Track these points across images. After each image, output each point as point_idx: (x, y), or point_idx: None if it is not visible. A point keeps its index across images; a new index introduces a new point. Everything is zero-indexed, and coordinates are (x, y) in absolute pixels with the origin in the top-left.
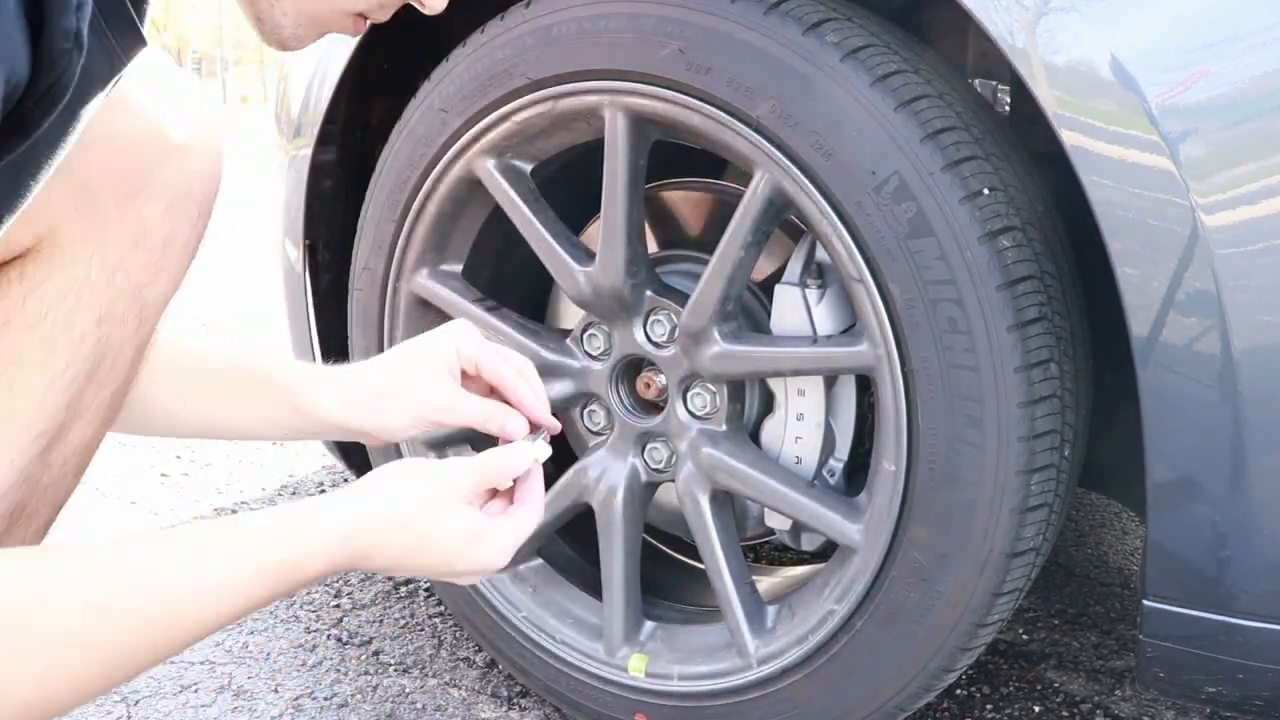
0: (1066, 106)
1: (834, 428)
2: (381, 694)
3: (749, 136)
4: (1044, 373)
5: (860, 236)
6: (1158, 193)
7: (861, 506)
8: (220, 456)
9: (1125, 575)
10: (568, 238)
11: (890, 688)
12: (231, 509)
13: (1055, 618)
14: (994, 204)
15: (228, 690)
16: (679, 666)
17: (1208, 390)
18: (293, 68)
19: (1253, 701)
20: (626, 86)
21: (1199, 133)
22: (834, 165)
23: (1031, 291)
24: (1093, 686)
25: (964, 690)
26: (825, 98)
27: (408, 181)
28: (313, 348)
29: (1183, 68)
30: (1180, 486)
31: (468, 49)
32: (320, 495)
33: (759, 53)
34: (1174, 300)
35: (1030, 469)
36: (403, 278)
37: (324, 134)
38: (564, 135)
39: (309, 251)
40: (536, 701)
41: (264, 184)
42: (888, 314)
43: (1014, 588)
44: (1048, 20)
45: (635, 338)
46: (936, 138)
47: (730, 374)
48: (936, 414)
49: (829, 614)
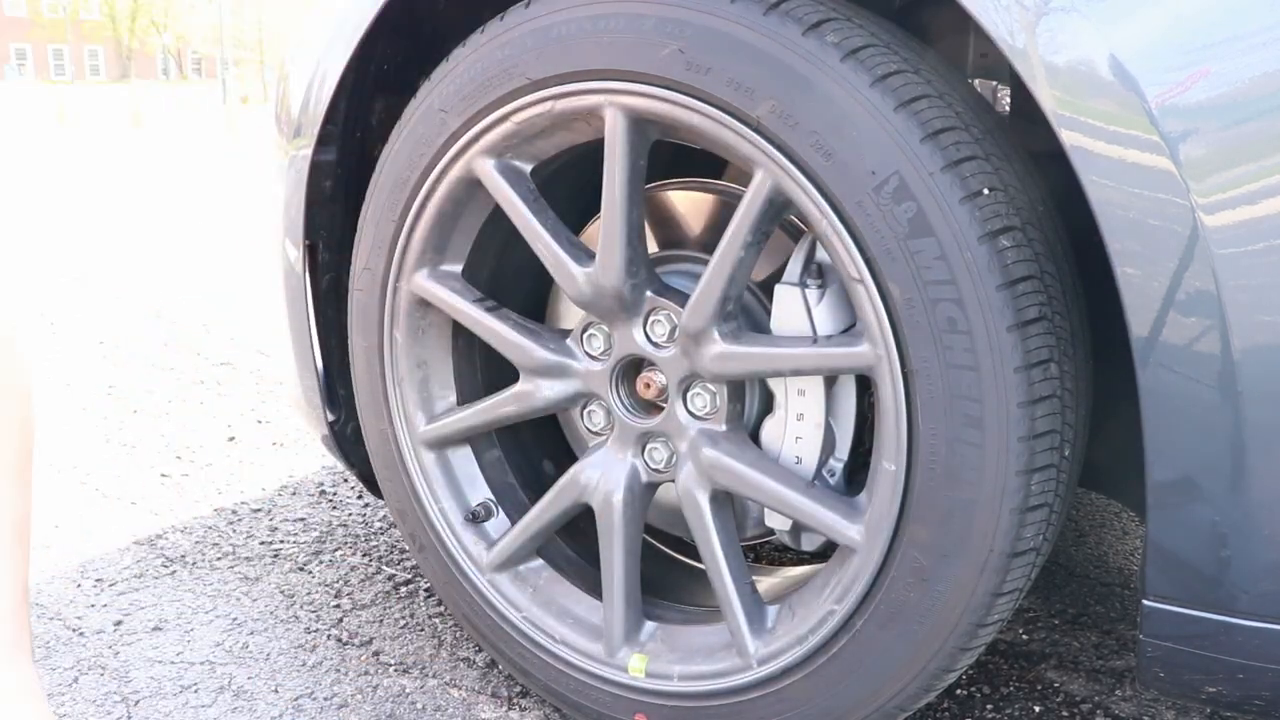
0: (1066, 106)
1: (834, 428)
2: (382, 694)
3: (749, 137)
4: (1044, 373)
5: (860, 236)
6: (1158, 193)
7: (861, 506)
8: (220, 456)
9: (1125, 575)
10: (567, 238)
11: (890, 688)
12: (232, 509)
13: (1055, 618)
14: (994, 204)
15: (228, 690)
16: (679, 666)
17: (1208, 390)
18: (293, 68)
19: (1253, 701)
20: (626, 87)
21: (1199, 133)
22: (834, 165)
23: (1031, 291)
24: (1093, 686)
25: (964, 690)
26: (825, 98)
27: (407, 182)
28: (313, 348)
29: (1182, 68)
30: (1180, 486)
31: (468, 49)
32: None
33: (759, 53)
34: (1174, 300)
35: (1030, 469)
36: (403, 278)
37: (324, 134)
38: (564, 135)
39: (309, 252)
40: (536, 701)
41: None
42: (888, 314)
43: (1014, 588)
44: (1048, 20)
45: (635, 338)
46: (936, 138)
47: (730, 374)
48: (936, 414)
49: (829, 614)
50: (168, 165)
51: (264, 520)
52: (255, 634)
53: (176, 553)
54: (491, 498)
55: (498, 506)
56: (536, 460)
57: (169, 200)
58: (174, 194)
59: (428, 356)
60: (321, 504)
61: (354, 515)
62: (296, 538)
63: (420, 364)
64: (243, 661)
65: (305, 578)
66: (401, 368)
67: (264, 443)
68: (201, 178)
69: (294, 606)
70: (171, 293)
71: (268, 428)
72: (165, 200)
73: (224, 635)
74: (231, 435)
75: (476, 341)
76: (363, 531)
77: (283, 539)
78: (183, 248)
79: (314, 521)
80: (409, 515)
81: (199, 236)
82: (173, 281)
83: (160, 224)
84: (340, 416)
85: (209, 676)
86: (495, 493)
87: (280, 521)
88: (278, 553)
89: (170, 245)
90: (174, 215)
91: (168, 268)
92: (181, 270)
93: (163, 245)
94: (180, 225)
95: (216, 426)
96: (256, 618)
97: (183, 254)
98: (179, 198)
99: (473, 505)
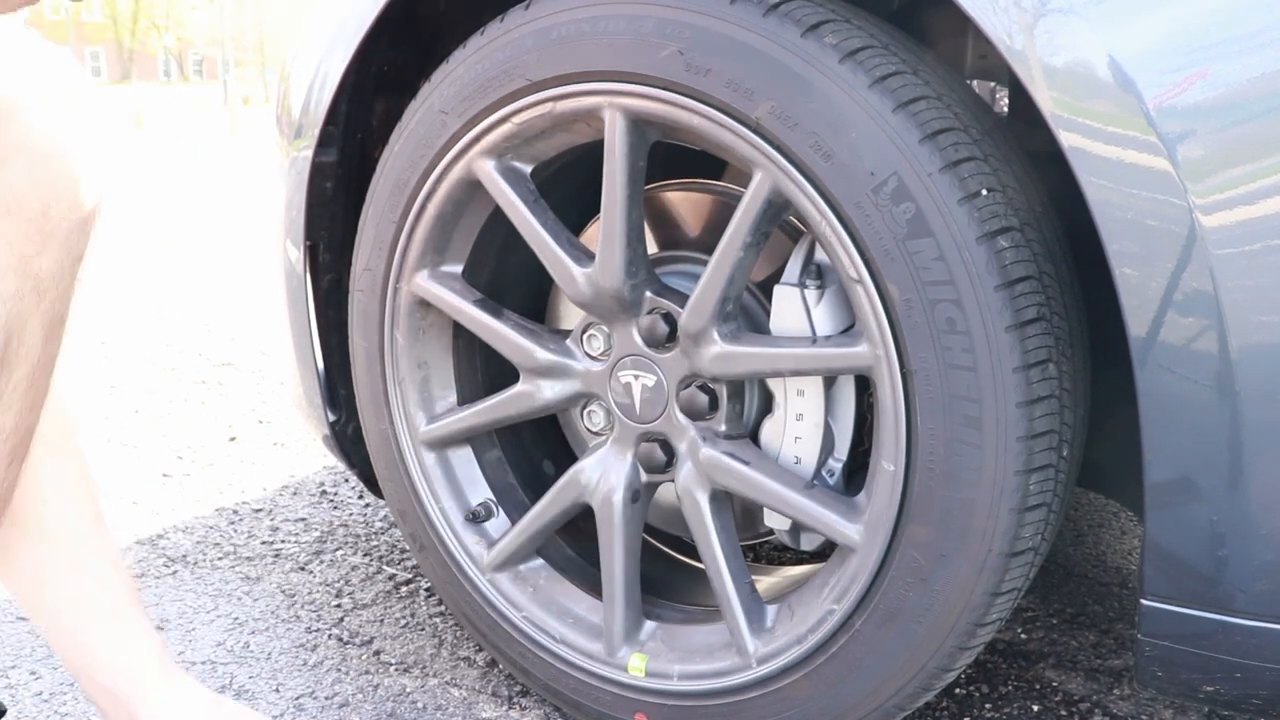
0: (1064, 108)
1: (833, 428)
2: (382, 693)
3: (748, 138)
4: (1042, 373)
5: (859, 237)
6: (1156, 193)
7: (860, 506)
8: (222, 456)
9: (1123, 574)
10: (567, 239)
11: (889, 687)
12: (233, 509)
13: (1054, 617)
14: (992, 205)
15: (229, 690)
16: (679, 666)
17: (1206, 390)
18: (294, 69)
19: (1250, 700)
20: (626, 88)
21: (1197, 134)
22: (833, 166)
23: (1030, 292)
24: (1091, 685)
25: (963, 689)
26: (824, 99)
27: (408, 183)
28: (313, 348)
29: (1180, 69)
30: (1178, 486)
31: (467, 50)
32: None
33: (758, 54)
34: (1172, 300)
35: (1029, 469)
36: (403, 279)
37: (325, 135)
38: (564, 136)
39: (310, 252)
40: (536, 701)
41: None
42: (886, 314)
43: (1012, 587)
44: (1046, 22)
45: (635, 338)
46: (935, 139)
47: (730, 374)
48: (935, 414)
49: (828, 613)
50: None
51: (265, 520)
52: (256, 633)
53: (178, 552)
54: (492, 498)
55: (498, 506)
56: (537, 460)
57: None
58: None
59: (428, 357)
60: (322, 504)
61: (355, 515)
62: (297, 537)
63: (421, 364)
64: (244, 661)
65: (306, 577)
66: (402, 368)
67: (265, 443)
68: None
69: (295, 606)
70: (173, 293)
71: (269, 428)
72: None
73: (225, 635)
74: (233, 435)
75: (477, 342)
76: (363, 531)
77: (284, 539)
78: (184, 248)
79: (315, 521)
80: (410, 515)
81: (200, 237)
82: (174, 282)
83: (162, 224)
84: (341, 417)
85: (210, 676)
86: (496, 493)
87: (281, 521)
88: (279, 552)
89: (172, 245)
90: (175, 216)
91: (169, 268)
92: (183, 270)
93: (164, 245)
94: (182, 226)
95: (218, 426)
96: (258, 617)
97: (184, 254)
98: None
99: (473, 505)
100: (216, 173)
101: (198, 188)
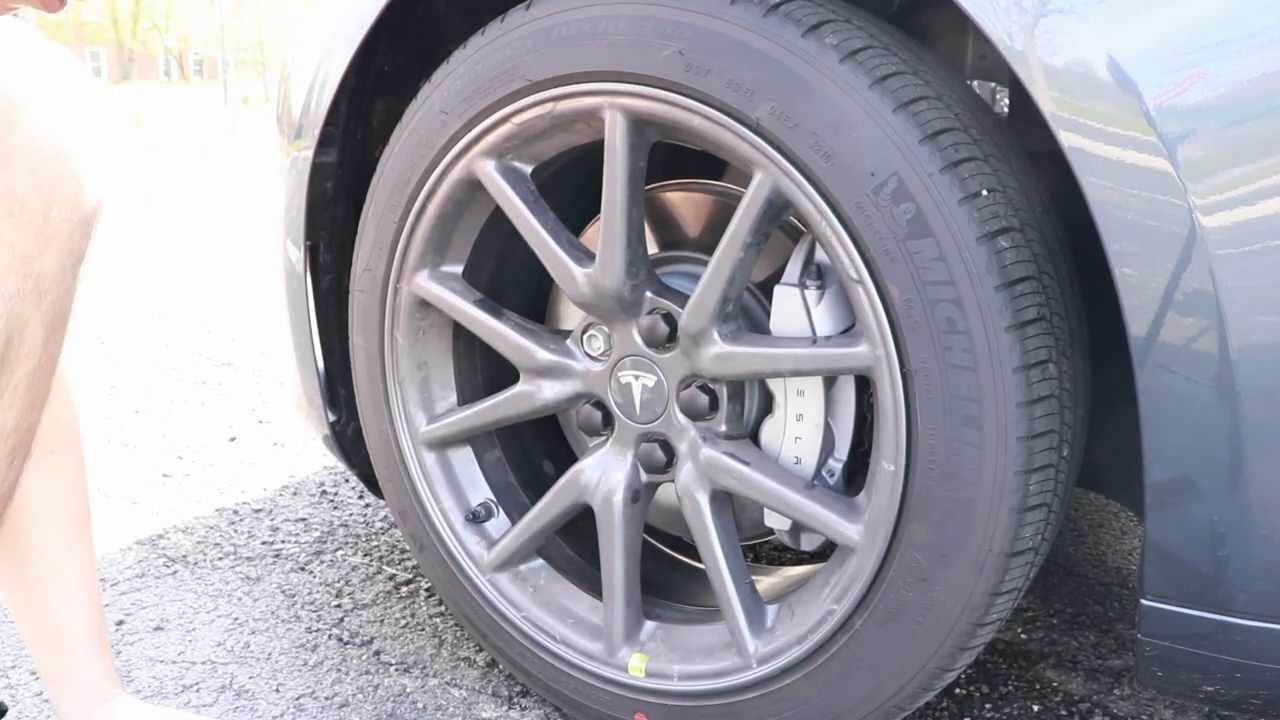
0: (1065, 108)
1: (833, 428)
2: (382, 693)
3: (748, 138)
4: (1042, 373)
5: (859, 237)
6: (1156, 194)
7: (860, 507)
8: (222, 457)
9: (1124, 574)
10: (567, 239)
11: (889, 687)
12: (233, 509)
13: (1054, 617)
14: (992, 205)
15: (229, 690)
16: (679, 666)
17: (1206, 390)
18: (294, 69)
19: (1250, 700)
20: (626, 88)
21: (1197, 134)
22: (833, 166)
23: (1030, 292)
24: (1091, 685)
25: (963, 689)
26: (824, 99)
27: (408, 183)
28: (313, 348)
29: (1180, 69)
30: (1178, 486)
31: (468, 51)
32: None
33: (758, 55)
34: (1172, 301)
35: (1029, 469)
36: (403, 279)
37: (325, 135)
38: (564, 137)
39: (310, 253)
40: (537, 701)
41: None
42: (886, 315)
43: (1013, 587)
44: (1046, 22)
45: (635, 338)
46: (935, 139)
47: (730, 375)
48: (935, 414)
49: (828, 614)
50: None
51: (265, 520)
52: (256, 634)
53: (178, 552)
54: (492, 498)
55: (498, 506)
56: (536, 460)
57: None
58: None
59: (428, 357)
60: (323, 504)
61: (355, 515)
62: (298, 538)
63: (421, 364)
64: (244, 661)
65: (306, 577)
66: (402, 368)
67: (265, 443)
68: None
69: (295, 606)
70: (173, 293)
71: (269, 428)
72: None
73: (225, 635)
74: (233, 435)
75: (477, 342)
76: (364, 531)
77: (284, 539)
78: (184, 248)
79: (315, 521)
80: (410, 515)
81: (200, 237)
82: (175, 282)
83: (163, 225)
84: (341, 417)
85: (210, 676)
86: (496, 493)
87: (281, 521)
88: (279, 553)
89: (172, 246)
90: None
91: (169, 268)
92: (184, 271)
93: (165, 246)
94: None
95: (218, 427)
96: (258, 617)
97: (184, 254)
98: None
99: (473, 505)
100: (216, 173)
101: (197, 188)
